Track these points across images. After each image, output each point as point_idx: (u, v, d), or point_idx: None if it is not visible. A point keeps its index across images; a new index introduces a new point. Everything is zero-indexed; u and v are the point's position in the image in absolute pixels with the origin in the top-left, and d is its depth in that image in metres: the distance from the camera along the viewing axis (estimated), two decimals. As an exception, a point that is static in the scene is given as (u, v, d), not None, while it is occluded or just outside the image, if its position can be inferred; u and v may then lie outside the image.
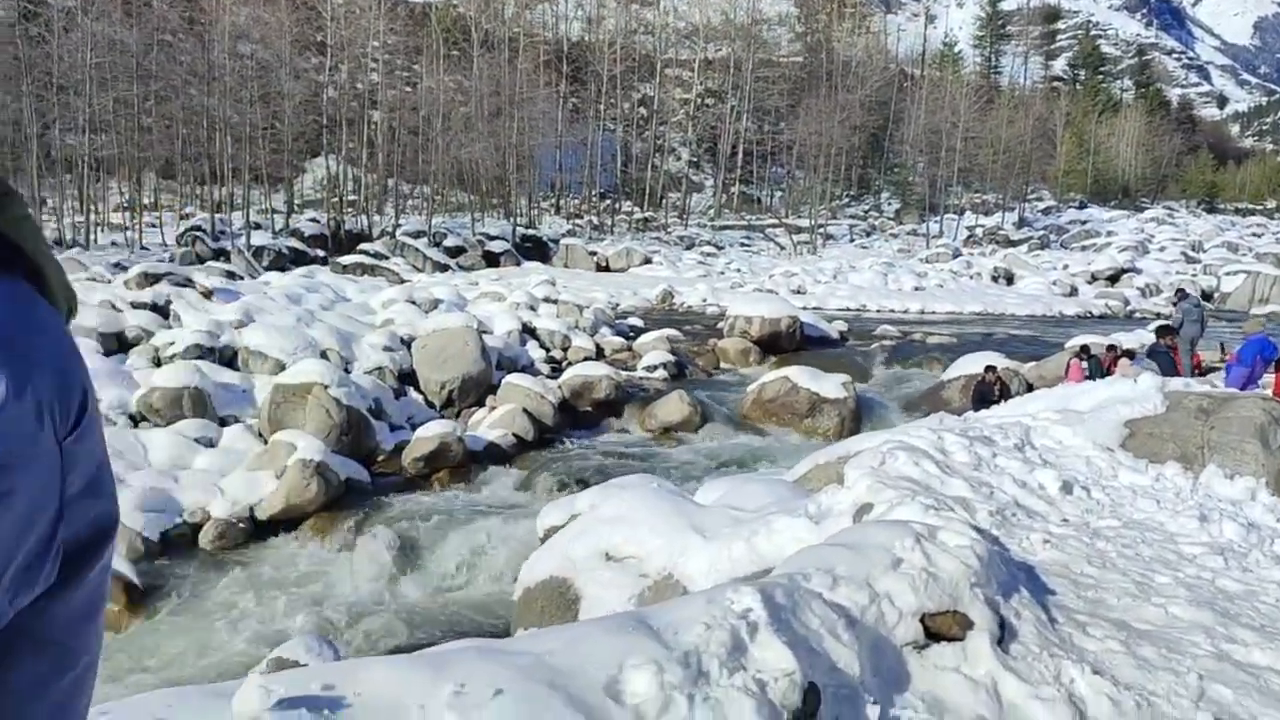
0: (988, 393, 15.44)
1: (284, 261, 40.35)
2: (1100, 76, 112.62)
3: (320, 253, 43.80)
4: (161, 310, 17.76)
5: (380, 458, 15.71)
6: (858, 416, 17.59)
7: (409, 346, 19.07)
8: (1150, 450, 7.61)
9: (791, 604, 3.82)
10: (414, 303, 20.92)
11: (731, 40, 79.29)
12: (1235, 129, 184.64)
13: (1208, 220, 71.58)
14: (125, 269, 25.83)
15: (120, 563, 11.02)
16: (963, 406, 18.23)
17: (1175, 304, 17.18)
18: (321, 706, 3.04)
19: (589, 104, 73.59)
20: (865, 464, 6.15)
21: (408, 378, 18.66)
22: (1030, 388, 18.29)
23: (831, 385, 17.88)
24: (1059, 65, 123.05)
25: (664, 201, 73.49)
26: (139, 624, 10.52)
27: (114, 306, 17.36)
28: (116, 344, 17.01)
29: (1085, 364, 15.55)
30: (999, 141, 69.84)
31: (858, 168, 79.53)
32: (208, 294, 18.64)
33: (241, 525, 12.87)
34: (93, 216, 43.71)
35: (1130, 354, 15.93)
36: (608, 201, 70.90)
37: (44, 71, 40.56)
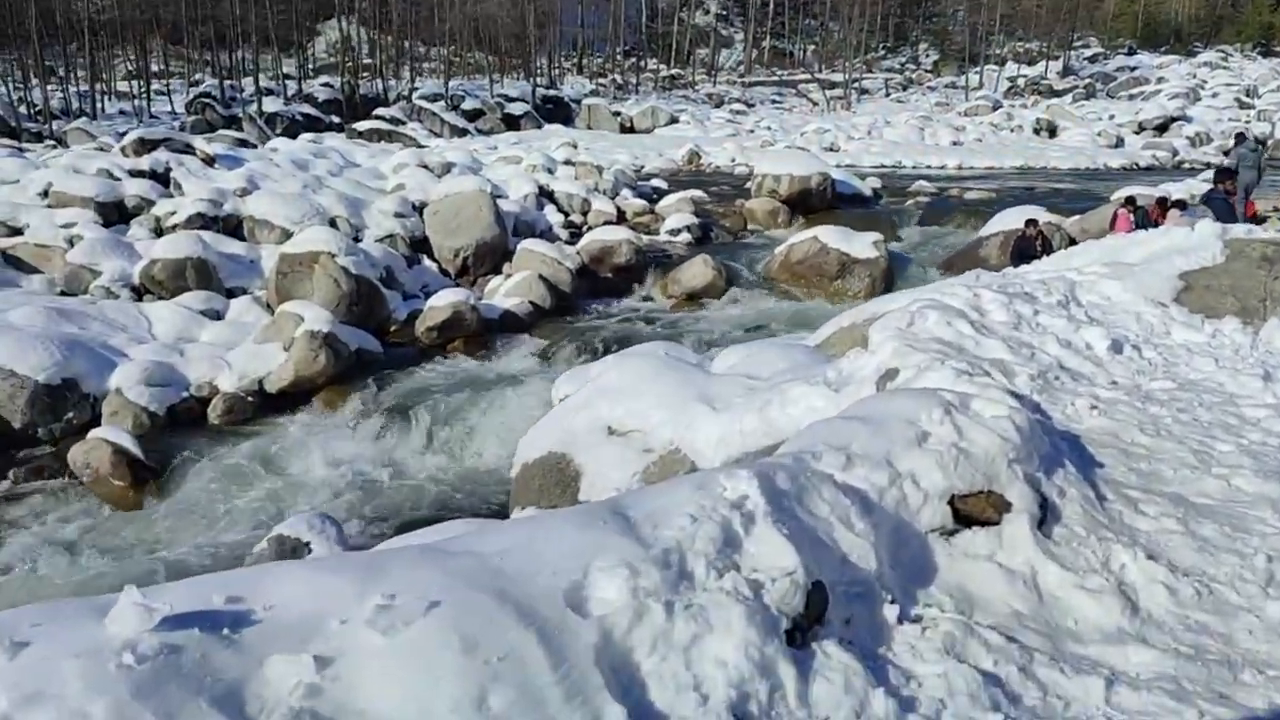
0: (1028, 248, 14.58)
1: (297, 129, 39.30)
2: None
3: (335, 119, 42.69)
4: (161, 179, 17.11)
5: (393, 328, 15.24)
6: (889, 277, 16.82)
7: (421, 213, 18.38)
8: (1207, 304, 6.89)
9: (796, 489, 3.25)
10: (426, 167, 20.10)
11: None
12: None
13: (1263, 64, 67.92)
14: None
15: (124, 438, 10.71)
16: (1001, 264, 17.34)
17: (1231, 148, 16.02)
18: (221, 624, 2.54)
19: (612, -45, 70.29)
20: (892, 325, 5.50)
21: (420, 245, 18.05)
22: (1073, 242, 17.35)
23: (862, 245, 17.06)
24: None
25: (691, 58, 70.83)
26: (145, 500, 10.27)
27: (111, 175, 16.74)
28: (117, 214, 16.45)
29: (1132, 215, 14.60)
30: (1044, -16, 66.14)
31: (894, 18, 75.92)
32: (210, 161, 17.94)
33: (250, 399, 12.51)
34: (99, 86, 42.61)
35: (1181, 204, 14.89)
36: (632, 60, 68.44)
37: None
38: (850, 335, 7.09)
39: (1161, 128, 44.36)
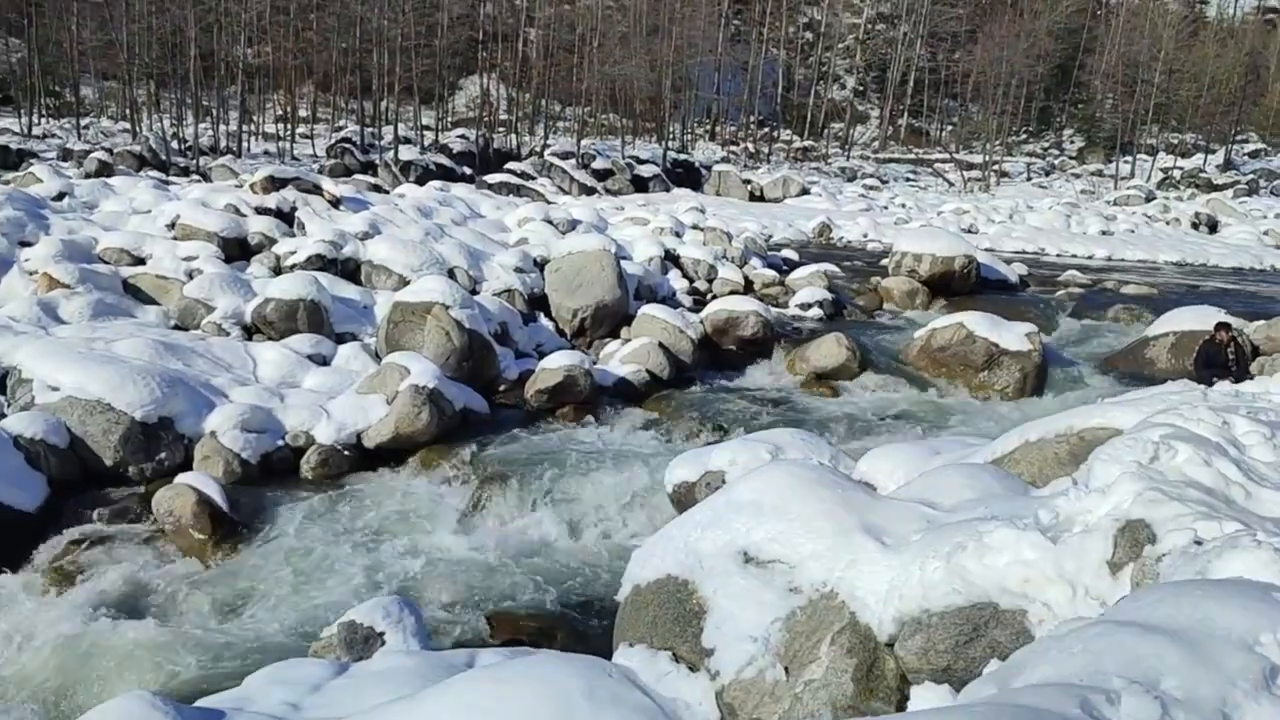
0: (1217, 355, 12.91)
1: (430, 177, 39.63)
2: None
3: (468, 170, 43.05)
4: (287, 217, 16.83)
5: (502, 387, 14.41)
6: (1042, 374, 15.27)
7: (542, 269, 17.67)
8: None
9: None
10: (550, 222, 19.46)
11: (909, -38, 74.18)
12: None
13: None
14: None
15: (211, 486, 10.03)
16: (1171, 369, 15.64)
17: None
18: None
19: (752, 25, 70.26)
20: (1124, 455, 4.24)
21: (538, 302, 17.31)
22: (1257, 352, 15.52)
23: (1013, 336, 15.57)
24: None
25: (825, 131, 69.90)
26: (225, 558, 9.51)
27: (238, 211, 16.51)
28: (239, 250, 16.17)
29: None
30: (1204, 76, 63.14)
31: (1039, 101, 73.64)
32: (335, 203, 17.63)
33: (346, 453, 11.79)
34: (248, 126, 44.01)
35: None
36: (766, 129, 67.91)
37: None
38: (1041, 454, 5.82)
39: (1334, 230, 41.22)
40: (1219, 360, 12.70)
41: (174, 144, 38.21)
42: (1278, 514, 3.89)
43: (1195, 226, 41.72)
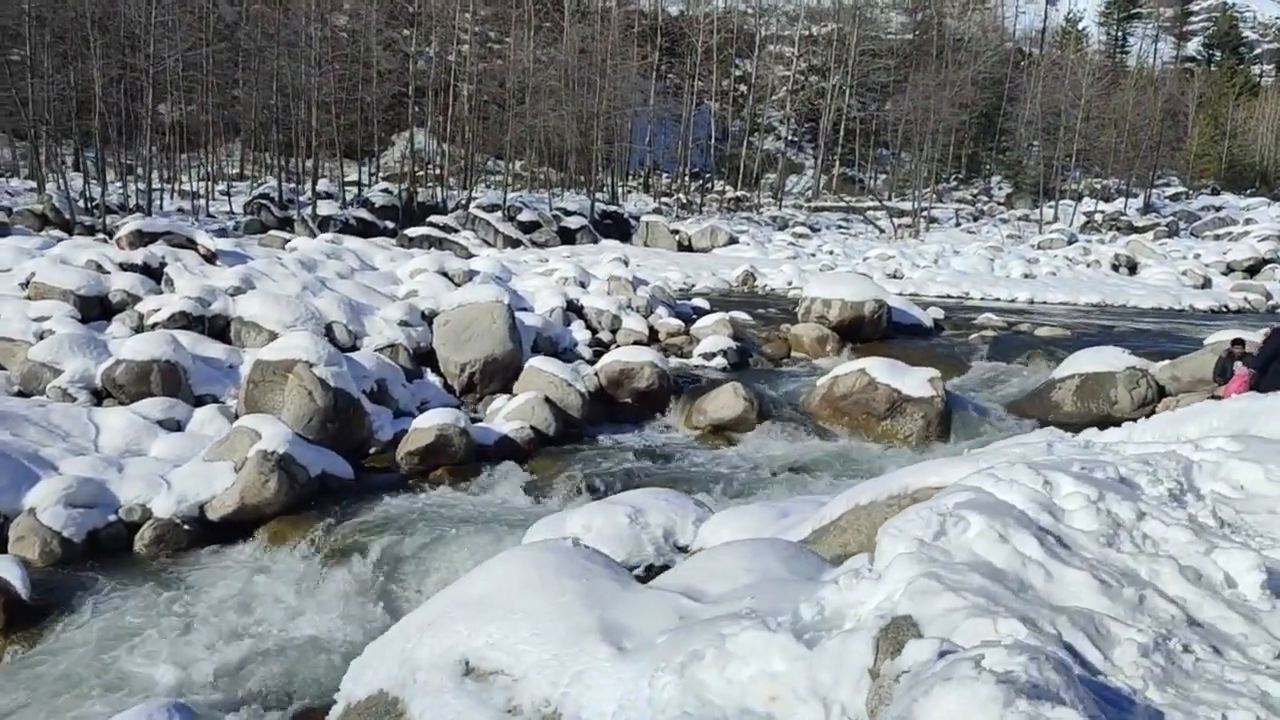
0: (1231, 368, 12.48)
1: (351, 232, 38.76)
2: (1238, 59, 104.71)
3: (390, 224, 42.22)
4: (155, 273, 15.85)
5: (373, 450, 13.49)
6: (946, 420, 14.70)
7: (431, 322, 16.83)
8: (1392, 508, 4.81)
9: None
10: (445, 274, 18.65)
11: (837, 18, 75.38)
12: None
13: (1356, 212, 65.05)
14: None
15: (14, 572, 8.96)
16: (1076, 412, 15.19)
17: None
18: None
19: (684, 78, 70.66)
20: (913, 529, 3.50)
21: (426, 358, 16.46)
22: (1162, 392, 15.12)
23: (916, 382, 15.01)
24: (1192, 47, 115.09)
25: (759, 182, 70.23)
26: (18, 655, 8.44)
27: (100, 268, 15.51)
28: (100, 309, 15.15)
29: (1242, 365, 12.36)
30: (1124, 123, 64.54)
31: (967, 149, 74.83)
32: (211, 257, 16.69)
33: (187, 527, 10.78)
34: (160, 184, 42.83)
35: None
36: (699, 180, 68.01)
37: (122, 32, 39.78)
38: (870, 520, 5.08)
39: (1252, 270, 41.79)
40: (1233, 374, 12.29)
41: (80, 203, 36.91)
42: (1081, 601, 3.18)
43: (1115, 268, 42.05)
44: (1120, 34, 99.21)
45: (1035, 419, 15.28)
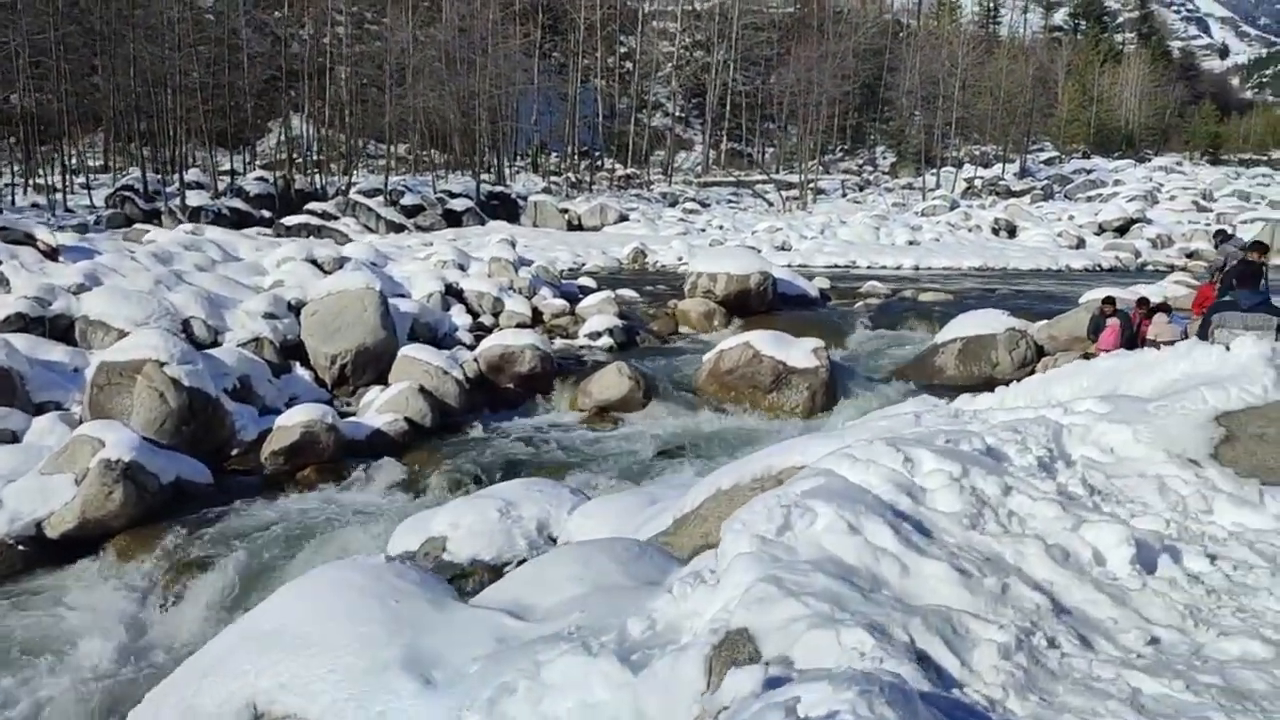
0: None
1: (224, 222, 37.07)
2: (1101, 27, 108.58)
3: (266, 213, 40.53)
4: (-13, 273, 14.63)
5: (235, 451, 12.68)
6: (831, 390, 14.55)
7: (298, 313, 15.98)
8: (1263, 464, 4.64)
9: None
10: (315, 262, 17.76)
11: (719, -8, 75.40)
12: (1236, 81, 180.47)
13: (1214, 170, 68.09)
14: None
15: None
16: (960, 375, 15.23)
17: (1218, 245, 14.09)
18: None
19: (569, 56, 69.74)
20: (756, 526, 3.11)
21: (295, 350, 15.61)
22: (1041, 352, 15.25)
23: (801, 353, 14.83)
24: (1059, 17, 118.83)
25: (649, 159, 69.89)
26: None
27: (-77, 269, 14.25)
28: (-76, 315, 13.90)
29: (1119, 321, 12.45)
30: (999, 90, 66.18)
31: (851, 120, 75.81)
32: (52, 253, 15.51)
33: (21, 547, 9.89)
34: (22, 179, 40.26)
35: (1165, 308, 12.86)
36: (589, 159, 67.32)
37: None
38: (731, 507, 4.69)
39: (1122, 229, 43.24)
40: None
41: (-79, 200, 34.44)
42: (939, 596, 2.84)
43: (996, 232, 43.03)
44: (992, 5, 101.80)
45: (920, 384, 15.28)
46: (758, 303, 20.12)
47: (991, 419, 4.90)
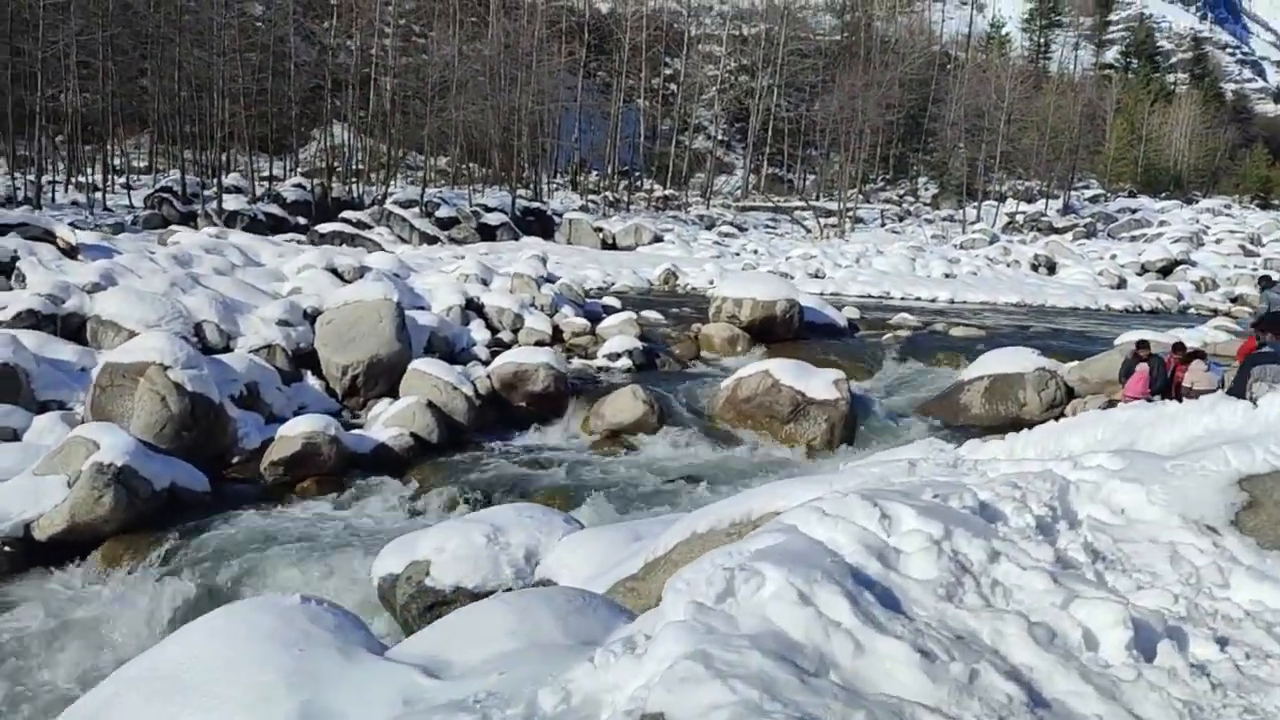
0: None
1: (260, 228, 37.30)
2: (1153, 67, 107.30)
3: (302, 220, 40.73)
4: (5, 268, 14.60)
5: (236, 459, 12.49)
6: (850, 423, 14.13)
7: (314, 321, 15.82)
8: (1289, 534, 4.22)
9: None
10: (335, 270, 17.62)
11: (766, 18, 75.23)
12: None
13: (1263, 215, 66.68)
14: (78, 229, 22.82)
15: None
16: (985, 414, 14.73)
17: (1262, 290, 13.53)
18: None
19: (613, 75, 69.79)
20: (696, 589, 2.74)
21: (308, 359, 15.44)
22: (1071, 394, 14.72)
23: (821, 384, 14.42)
24: (1111, 55, 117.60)
25: (689, 181, 69.68)
26: None
27: (-59, 262, 14.24)
28: (-60, 308, 13.87)
29: (1149, 367, 11.91)
30: (1045, 125, 65.35)
31: (894, 150, 75.22)
32: (72, 251, 15.47)
33: (8, 549, 9.72)
34: (51, 175, 40.76)
35: (1201, 354, 12.32)
36: (628, 179, 67.24)
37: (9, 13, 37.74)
38: (702, 552, 4.36)
39: (1165, 270, 42.31)
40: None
41: (-37, 195, 34.91)
42: (894, 683, 2.45)
43: (1035, 268, 42.29)
44: (1042, 40, 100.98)
45: (943, 422, 14.82)
46: (783, 330, 19.72)
47: (992, 471, 4.51)
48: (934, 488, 3.91)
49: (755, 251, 44.70)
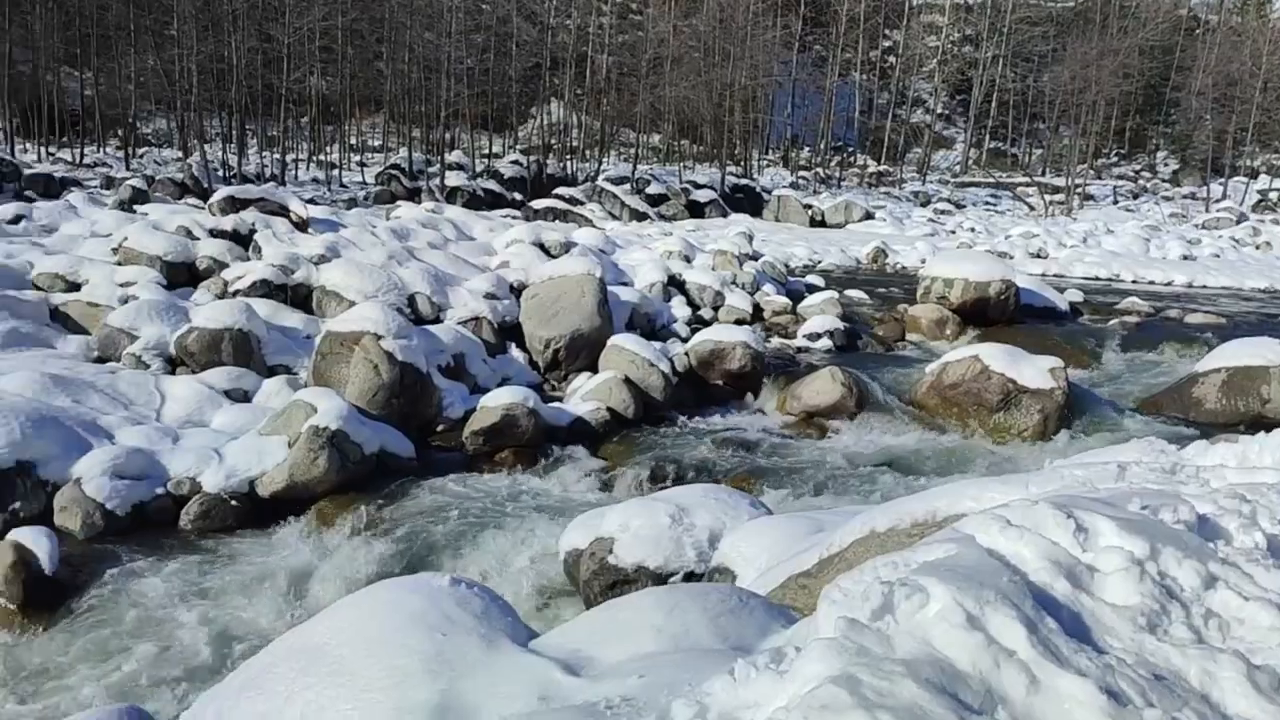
0: None
1: (479, 203, 38.90)
2: None
3: (518, 196, 42.15)
4: (244, 240, 15.76)
5: (441, 428, 12.97)
6: (1066, 415, 13.18)
7: (519, 295, 16.24)
8: None
9: None
10: (541, 245, 18.02)
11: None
12: None
13: None
14: (315, 204, 24.62)
15: (42, 544, 8.75)
16: (1220, 410, 13.43)
17: None
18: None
19: (829, 49, 68.22)
20: (855, 596, 2.50)
21: (512, 331, 15.88)
22: (1326, 394, 13.18)
23: (1035, 371, 13.52)
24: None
25: (904, 156, 67.37)
26: (23, 633, 8.21)
27: (190, 234, 15.50)
28: (187, 276, 15.15)
29: None
30: (1310, 92, 58.96)
31: (1131, 122, 69.87)
32: (303, 225, 16.52)
33: (234, 503, 10.45)
34: (295, 154, 43.95)
35: None
36: (842, 155, 65.73)
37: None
38: (881, 553, 4.08)
39: None
40: None
41: (220, 172, 38.16)
42: (1073, 729, 2.14)
43: (1292, 251, 38.32)
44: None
45: (1172, 417, 13.62)
46: (997, 312, 18.66)
47: (1216, 480, 3.99)
48: (1143, 497, 3.47)
49: (972, 229, 42.70)
